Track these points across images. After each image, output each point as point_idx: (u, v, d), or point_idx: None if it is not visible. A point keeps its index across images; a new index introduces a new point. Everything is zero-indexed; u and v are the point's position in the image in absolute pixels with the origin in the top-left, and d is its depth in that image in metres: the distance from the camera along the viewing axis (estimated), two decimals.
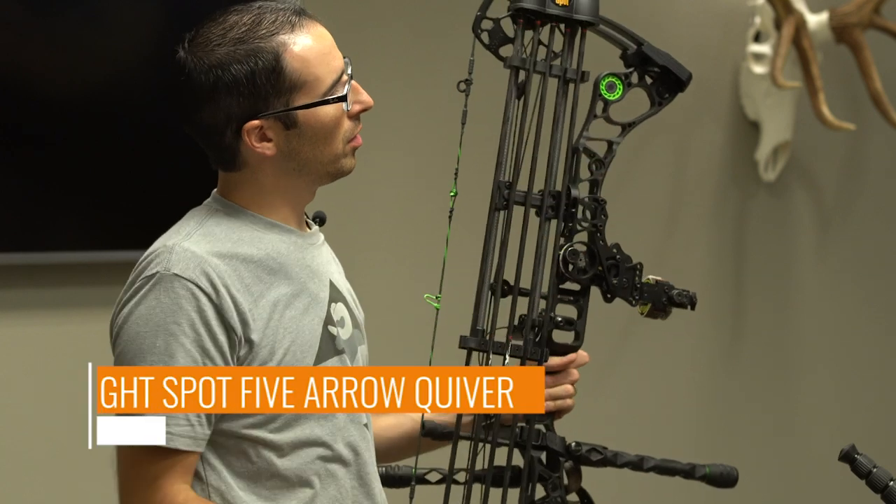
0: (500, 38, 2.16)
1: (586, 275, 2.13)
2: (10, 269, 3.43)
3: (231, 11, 2.05)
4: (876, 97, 4.38)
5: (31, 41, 3.36)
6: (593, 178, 2.15)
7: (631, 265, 2.15)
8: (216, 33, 2.03)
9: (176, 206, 2.17)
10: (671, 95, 2.20)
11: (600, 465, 2.18)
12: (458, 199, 2.14)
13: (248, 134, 2.03)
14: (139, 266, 2.03)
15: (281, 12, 2.05)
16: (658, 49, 2.19)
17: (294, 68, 2.03)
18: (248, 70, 2.01)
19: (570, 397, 2.23)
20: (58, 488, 3.51)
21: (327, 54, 2.06)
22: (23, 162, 3.40)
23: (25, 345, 3.49)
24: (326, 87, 2.06)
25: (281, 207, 2.10)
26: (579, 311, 2.15)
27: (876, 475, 2.15)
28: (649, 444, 4.40)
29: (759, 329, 4.61)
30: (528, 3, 2.11)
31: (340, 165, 2.10)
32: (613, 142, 2.16)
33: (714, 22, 4.42)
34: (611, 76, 2.17)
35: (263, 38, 2.02)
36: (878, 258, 4.80)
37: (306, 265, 2.11)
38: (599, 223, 2.13)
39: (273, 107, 2.03)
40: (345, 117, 2.08)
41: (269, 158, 2.06)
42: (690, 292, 2.17)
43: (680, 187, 4.43)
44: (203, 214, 2.09)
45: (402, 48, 3.90)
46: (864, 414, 4.76)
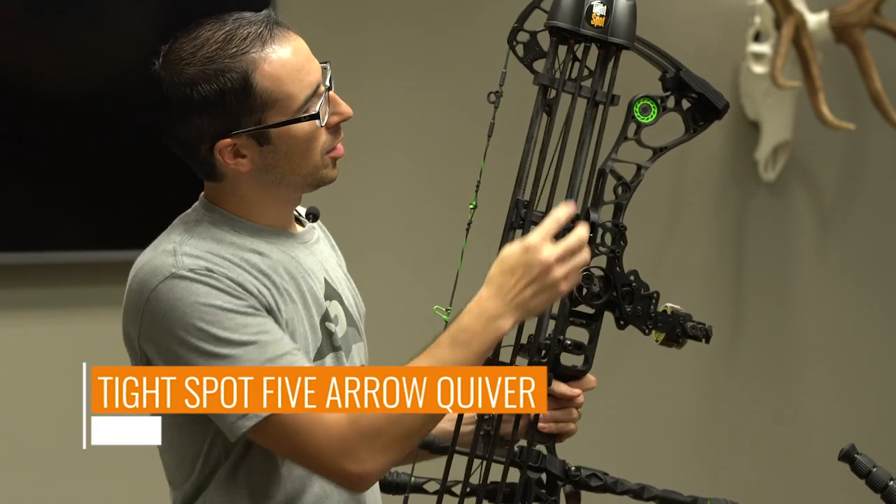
0: (536, 52, 2.11)
1: (599, 300, 2.09)
2: (8, 269, 3.43)
3: (204, 26, 2.03)
4: (876, 97, 4.38)
5: (30, 41, 3.36)
6: (617, 202, 2.10)
7: (647, 293, 2.11)
8: (187, 50, 2.00)
9: (175, 206, 2.17)
10: (706, 123, 2.14)
11: (600, 492, 2.15)
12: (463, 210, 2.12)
13: (221, 152, 2.02)
14: (140, 274, 2.01)
15: (255, 26, 2.02)
16: (696, 76, 2.13)
17: (264, 87, 2.00)
18: (218, 90, 1.99)
19: (574, 422, 2.19)
20: (56, 488, 3.51)
21: (300, 70, 2.03)
22: (22, 161, 3.40)
23: (24, 344, 3.49)
24: (299, 103, 2.02)
25: (267, 212, 2.09)
26: (591, 335, 2.12)
27: (876, 475, 2.15)
28: (649, 444, 4.41)
29: (758, 328, 4.61)
30: (562, 22, 2.05)
31: (320, 176, 2.08)
32: (642, 166, 2.12)
33: (714, 21, 4.42)
34: (646, 99, 2.11)
35: (234, 57, 1.99)
36: (878, 258, 4.79)
37: (299, 264, 2.10)
38: (618, 249, 2.09)
39: (245, 125, 2.01)
40: (322, 130, 2.05)
41: (246, 173, 2.05)
42: (706, 326, 2.13)
43: (680, 187, 4.43)
44: (191, 222, 2.08)
45: (402, 47, 3.90)
46: (864, 413, 4.76)
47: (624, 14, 2.08)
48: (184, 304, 1.95)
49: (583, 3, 2.06)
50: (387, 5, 3.89)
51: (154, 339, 1.98)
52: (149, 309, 1.98)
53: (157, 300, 1.97)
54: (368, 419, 1.95)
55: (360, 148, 3.80)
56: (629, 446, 4.35)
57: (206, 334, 1.95)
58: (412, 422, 1.96)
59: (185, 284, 1.96)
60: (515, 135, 2.79)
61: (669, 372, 4.43)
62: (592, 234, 2.07)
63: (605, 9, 2.06)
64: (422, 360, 1.98)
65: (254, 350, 1.95)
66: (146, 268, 2.01)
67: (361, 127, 2.12)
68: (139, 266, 2.03)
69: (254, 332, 1.96)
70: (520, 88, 2.24)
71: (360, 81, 3.74)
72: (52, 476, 3.50)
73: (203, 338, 1.95)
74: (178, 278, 1.97)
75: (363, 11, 3.83)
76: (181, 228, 2.07)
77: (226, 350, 1.95)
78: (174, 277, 1.97)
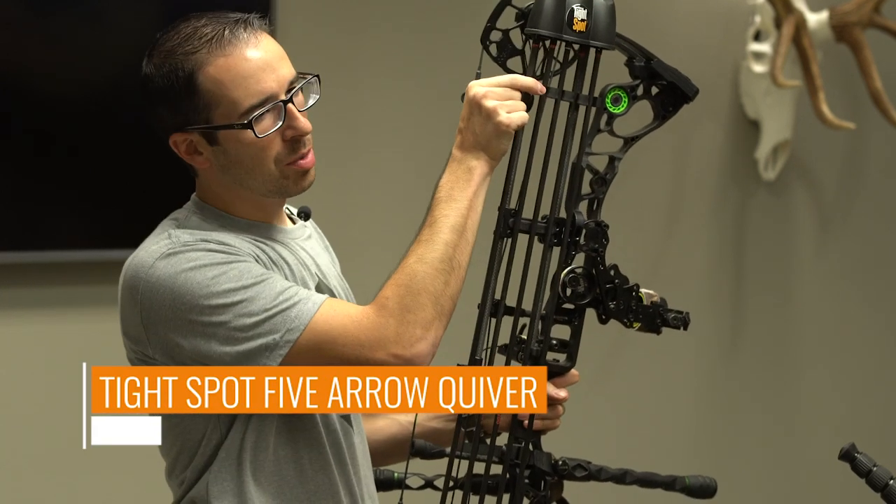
0: (509, 51, 2.11)
1: (584, 300, 2.10)
2: (7, 268, 3.43)
3: (185, 19, 2.07)
4: (876, 96, 4.38)
5: (30, 40, 3.36)
6: (595, 197, 2.11)
7: (628, 287, 2.12)
8: (161, 41, 2.06)
9: (175, 204, 2.17)
10: (675, 109, 2.16)
11: (584, 480, 2.17)
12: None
13: (177, 145, 2.06)
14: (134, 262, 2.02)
15: (221, 26, 2.03)
16: (667, 65, 2.14)
17: (207, 89, 2.02)
18: (167, 84, 2.02)
19: (558, 417, 2.19)
20: (57, 488, 3.51)
21: (248, 77, 2.02)
22: (21, 160, 3.40)
23: (23, 343, 3.49)
24: (242, 110, 2.02)
25: (250, 209, 2.10)
26: (574, 332, 2.12)
27: (876, 474, 2.15)
28: (649, 443, 4.41)
29: (758, 327, 4.61)
30: (544, 29, 2.05)
31: (280, 186, 2.07)
32: (616, 157, 2.12)
33: (714, 21, 4.41)
34: (616, 89, 2.11)
35: (186, 55, 2.02)
36: (878, 257, 4.79)
37: (291, 254, 2.11)
38: (600, 248, 2.10)
39: (193, 122, 2.03)
40: (274, 140, 2.04)
41: (207, 169, 2.07)
42: (684, 314, 2.14)
43: (680, 186, 4.43)
44: (182, 217, 2.09)
45: (400, 47, 3.90)
46: (864, 412, 4.76)
47: (603, 15, 2.08)
48: (185, 272, 1.97)
49: (563, 7, 2.05)
50: (386, 5, 3.89)
51: (162, 319, 1.98)
52: (147, 292, 1.99)
53: (154, 279, 1.98)
54: (394, 301, 1.96)
55: (356, 148, 3.80)
56: (629, 445, 4.34)
57: (214, 292, 1.95)
58: (435, 287, 1.97)
59: (180, 256, 1.98)
60: None
61: (669, 371, 4.43)
62: (577, 237, 2.08)
63: (586, 12, 2.06)
64: (419, 231, 2.02)
65: (264, 287, 1.96)
66: (136, 259, 2.02)
67: (358, 127, 2.12)
68: (128, 262, 2.04)
69: (258, 272, 1.98)
70: None
71: (358, 81, 3.73)
72: (52, 476, 3.49)
73: (213, 295, 1.95)
74: (173, 254, 1.98)
75: (362, 11, 3.83)
76: (171, 224, 2.08)
77: (238, 296, 1.95)
78: (168, 255, 1.99)
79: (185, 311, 1.96)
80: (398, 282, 1.98)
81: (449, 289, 1.99)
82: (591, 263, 2.10)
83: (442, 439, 2.22)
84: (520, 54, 2.10)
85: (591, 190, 2.11)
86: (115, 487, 3.54)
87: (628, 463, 2.44)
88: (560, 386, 2.14)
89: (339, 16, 3.76)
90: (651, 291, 2.15)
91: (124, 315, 2.04)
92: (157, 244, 2.02)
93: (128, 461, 3.35)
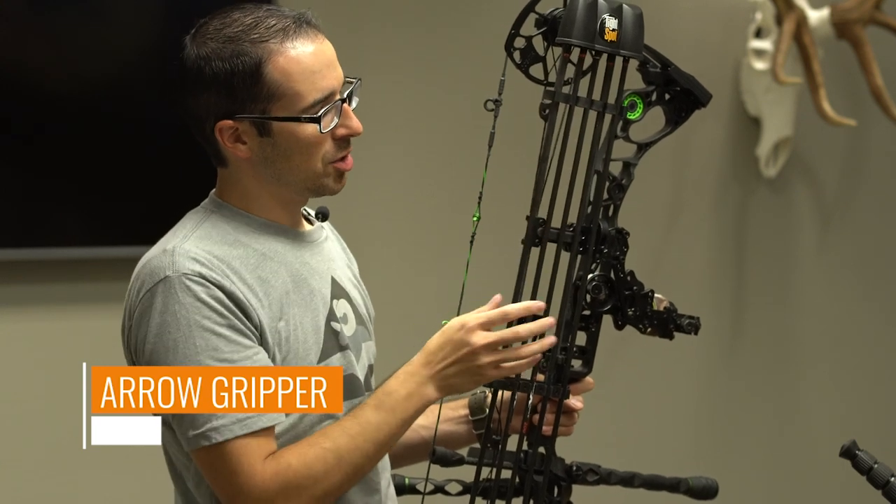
0: (532, 57, 2.10)
1: (605, 307, 2.11)
2: (8, 265, 3.43)
3: (238, 8, 2.05)
4: (877, 93, 4.38)
5: (31, 37, 3.36)
6: (612, 202, 2.11)
7: (643, 293, 2.13)
8: (214, 26, 2.03)
9: (176, 202, 2.18)
10: (688, 114, 2.15)
11: (596, 485, 2.18)
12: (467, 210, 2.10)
13: (222, 132, 2.04)
14: (141, 273, 2.03)
15: (285, 19, 2.04)
16: (683, 72, 2.14)
17: (274, 79, 2.01)
18: (228, 69, 2.01)
19: (573, 424, 2.19)
20: (57, 488, 3.51)
21: (315, 72, 2.03)
22: (22, 157, 3.40)
23: (25, 341, 3.49)
24: (306, 104, 2.03)
25: (273, 208, 2.10)
26: (590, 338, 2.13)
27: (877, 471, 2.16)
28: (651, 443, 4.41)
29: (759, 325, 4.61)
30: (576, 39, 2.04)
31: (320, 184, 2.08)
32: (631, 163, 2.13)
33: (715, 18, 4.41)
34: (632, 95, 2.12)
35: (253, 42, 2.01)
36: (879, 254, 4.79)
37: (305, 262, 2.10)
38: (621, 255, 2.11)
39: (249, 111, 2.02)
40: (326, 138, 2.05)
41: (246, 160, 2.06)
42: (696, 319, 2.16)
43: (681, 183, 4.43)
44: (199, 217, 2.09)
45: (404, 46, 3.90)
46: (866, 410, 4.76)
47: (632, 25, 2.09)
48: (167, 314, 1.96)
49: (595, 17, 2.05)
50: (387, 5, 3.89)
51: (137, 334, 2.00)
52: (139, 306, 2.00)
53: (148, 301, 1.98)
54: (292, 474, 1.95)
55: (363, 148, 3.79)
56: (630, 445, 4.34)
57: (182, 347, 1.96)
58: (331, 485, 1.97)
59: (174, 292, 1.97)
60: (514, 138, 2.80)
61: (670, 370, 4.43)
62: (603, 245, 2.08)
63: (617, 22, 2.06)
64: (348, 420, 2.00)
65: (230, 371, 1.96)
66: (146, 267, 2.02)
67: (364, 126, 2.11)
68: (141, 264, 2.04)
69: (224, 354, 1.97)
70: (516, 92, 2.22)
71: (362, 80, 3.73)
72: (52, 476, 3.49)
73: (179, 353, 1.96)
74: (170, 284, 1.98)
75: (363, 11, 3.83)
76: (188, 224, 2.08)
77: (199, 358, 1.96)
78: (167, 282, 1.98)
79: (154, 345, 1.98)
80: (306, 459, 1.97)
81: (340, 489, 2.00)
82: (612, 271, 2.11)
83: (454, 442, 2.22)
84: (542, 61, 2.10)
85: (609, 196, 2.11)
86: (115, 487, 3.54)
87: (629, 463, 2.44)
88: (575, 393, 2.13)
89: (339, 15, 3.76)
90: (660, 296, 2.15)
91: (125, 305, 2.05)
92: (160, 259, 2.01)
93: (128, 461, 3.35)
